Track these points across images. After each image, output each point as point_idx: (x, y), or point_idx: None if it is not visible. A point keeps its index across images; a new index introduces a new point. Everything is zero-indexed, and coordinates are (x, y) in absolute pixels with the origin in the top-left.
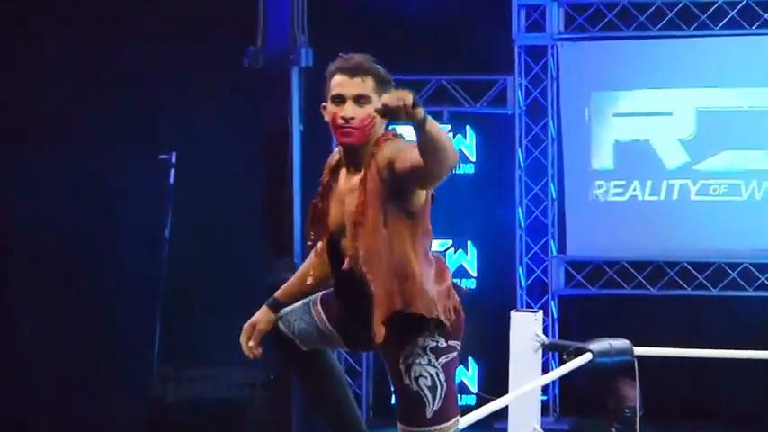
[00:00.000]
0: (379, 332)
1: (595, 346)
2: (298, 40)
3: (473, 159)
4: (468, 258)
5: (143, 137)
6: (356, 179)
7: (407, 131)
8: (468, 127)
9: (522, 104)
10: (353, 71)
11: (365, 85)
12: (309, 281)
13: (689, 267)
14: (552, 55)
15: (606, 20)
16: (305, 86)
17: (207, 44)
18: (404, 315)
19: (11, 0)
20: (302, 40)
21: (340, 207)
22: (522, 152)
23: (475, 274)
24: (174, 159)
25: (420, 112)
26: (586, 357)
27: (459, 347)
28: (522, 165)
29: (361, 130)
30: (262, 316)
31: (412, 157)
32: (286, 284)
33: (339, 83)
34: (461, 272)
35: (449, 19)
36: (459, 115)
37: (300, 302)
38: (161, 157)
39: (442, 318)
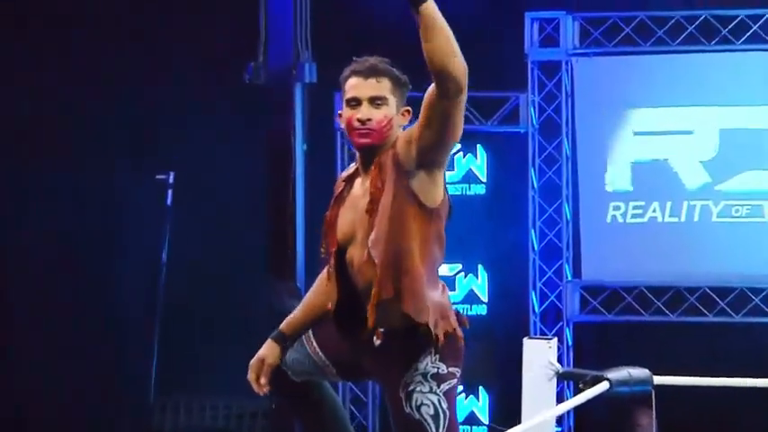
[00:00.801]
0: (371, 320)
1: (613, 374)
2: (301, 55)
3: (484, 179)
4: (479, 283)
5: (141, 154)
6: (369, 182)
7: None
8: (478, 146)
9: (535, 122)
10: (368, 73)
11: (381, 86)
12: (316, 311)
13: (710, 293)
14: (567, 71)
15: (623, 34)
16: (308, 103)
17: (207, 59)
18: (401, 334)
19: (10, 15)
20: (306, 56)
21: (352, 212)
22: (535, 172)
23: (486, 300)
24: (171, 179)
25: None
26: (603, 386)
27: (459, 374)
28: (535, 185)
29: (378, 132)
30: (269, 350)
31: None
32: (291, 316)
33: (354, 85)
34: (471, 297)
35: (457, 34)
36: (469, 134)
37: None
38: (158, 177)
39: (431, 328)
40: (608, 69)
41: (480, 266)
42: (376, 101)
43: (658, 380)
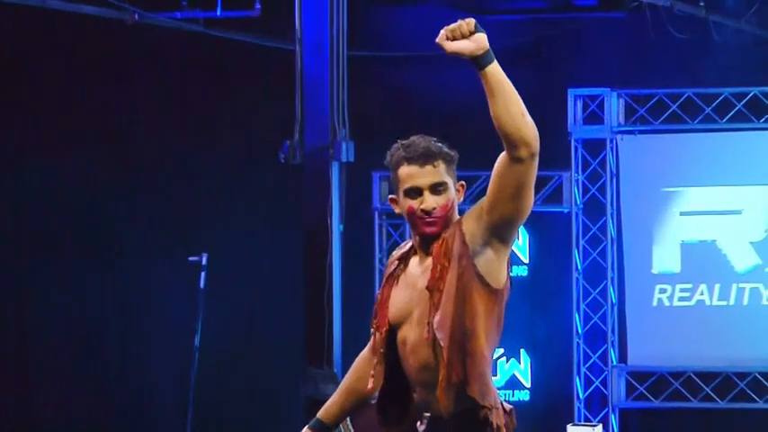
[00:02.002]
0: (442, 399)
1: None
2: (338, 133)
3: (526, 261)
4: (522, 368)
5: (173, 236)
6: (428, 263)
7: None
8: (521, 226)
9: (579, 202)
10: (424, 159)
11: (438, 171)
12: (355, 396)
13: (760, 378)
14: (611, 149)
15: (670, 111)
16: (346, 183)
17: (241, 138)
18: (459, 417)
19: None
20: (343, 134)
21: (409, 291)
22: (579, 253)
23: (529, 385)
24: (204, 261)
25: (481, 38)
26: None
27: None
28: (579, 267)
29: (443, 218)
30: None
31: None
32: (329, 402)
33: (410, 174)
34: (514, 382)
35: None
36: None
37: None
38: (191, 259)
39: (493, 412)
40: (653, 147)
41: (523, 351)
42: (437, 188)
43: None
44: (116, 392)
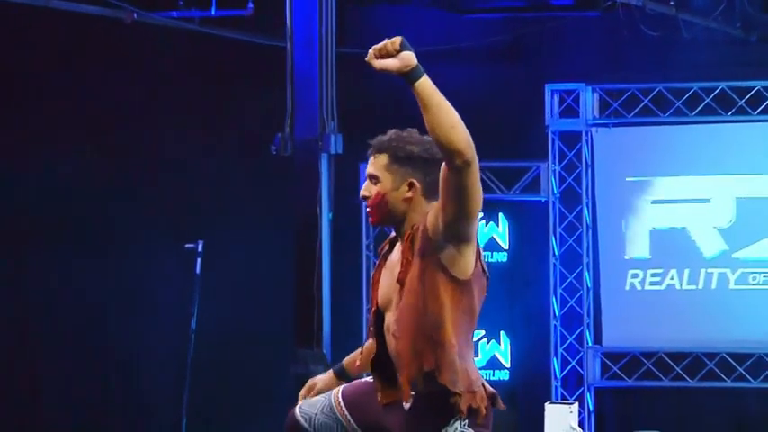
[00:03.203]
0: (406, 392)
1: None
2: (327, 126)
3: (506, 247)
4: (502, 349)
5: (170, 225)
6: (397, 254)
7: None
8: (500, 214)
9: (556, 191)
10: (372, 150)
11: (375, 163)
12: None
13: (728, 358)
14: (587, 141)
15: (642, 105)
16: (334, 174)
17: (235, 131)
18: (432, 397)
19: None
20: (331, 127)
21: (390, 278)
22: (556, 240)
23: (508, 365)
24: (200, 248)
25: (408, 56)
26: None
27: None
28: (556, 253)
29: (374, 208)
30: (326, 380)
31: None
32: (351, 356)
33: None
34: (494, 362)
35: (480, 105)
36: (491, 202)
37: (321, 396)
38: (187, 246)
39: (463, 397)
40: (627, 139)
41: (503, 333)
42: (371, 179)
43: None
44: (115, 374)
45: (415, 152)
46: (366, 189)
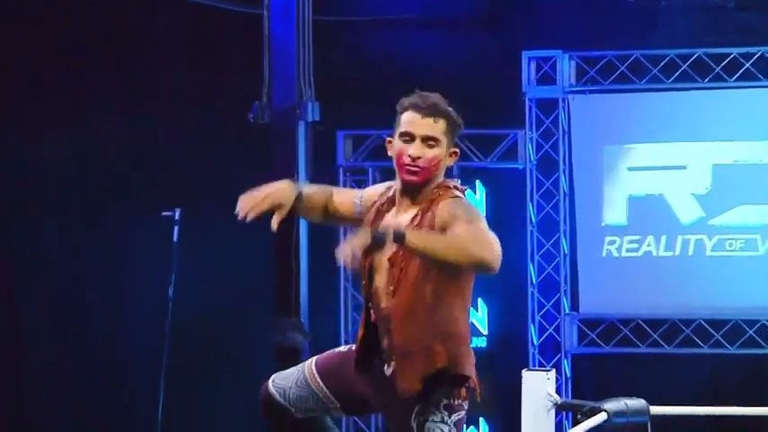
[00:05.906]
0: (414, 388)
1: (610, 405)
2: (304, 94)
3: (483, 214)
4: (479, 316)
5: (147, 193)
6: (407, 217)
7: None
8: (477, 182)
9: (532, 159)
10: (428, 111)
11: (436, 128)
12: (330, 209)
13: (705, 325)
14: (563, 108)
15: (618, 72)
16: (312, 141)
17: (212, 99)
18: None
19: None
20: (309, 95)
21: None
22: (533, 207)
23: (485, 332)
24: (177, 216)
25: (380, 236)
26: (601, 417)
27: (467, 406)
28: (533, 220)
29: (426, 170)
30: (285, 187)
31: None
32: (312, 191)
33: (410, 121)
34: (472, 330)
35: (457, 73)
36: (468, 170)
37: (294, 369)
38: (164, 213)
39: (473, 381)
40: (603, 106)
41: (480, 300)
42: (429, 141)
43: (655, 410)
44: (96, 339)
45: (460, 124)
46: (419, 149)
